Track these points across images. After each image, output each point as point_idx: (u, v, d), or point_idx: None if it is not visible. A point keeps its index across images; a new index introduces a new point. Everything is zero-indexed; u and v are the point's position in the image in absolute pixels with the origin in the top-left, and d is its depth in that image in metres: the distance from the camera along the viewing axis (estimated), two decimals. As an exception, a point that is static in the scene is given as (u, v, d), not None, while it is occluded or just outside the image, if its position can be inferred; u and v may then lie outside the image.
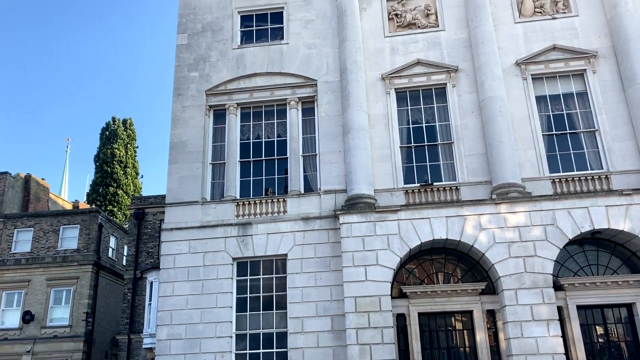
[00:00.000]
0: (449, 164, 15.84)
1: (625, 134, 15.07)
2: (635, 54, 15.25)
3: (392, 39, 17.16)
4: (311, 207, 15.65)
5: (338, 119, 16.39)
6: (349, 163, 15.52)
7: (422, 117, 16.48)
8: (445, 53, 16.72)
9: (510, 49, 16.41)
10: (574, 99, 15.94)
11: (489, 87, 15.62)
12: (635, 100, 14.95)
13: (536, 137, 15.45)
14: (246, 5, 18.23)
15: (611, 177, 14.72)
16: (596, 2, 16.47)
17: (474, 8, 16.56)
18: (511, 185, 14.47)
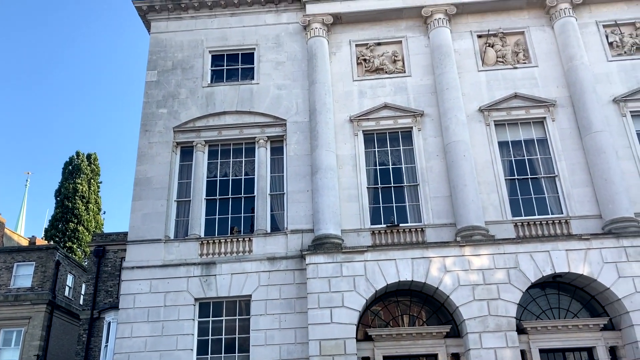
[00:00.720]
0: (414, 205, 16.03)
1: (583, 181, 15.60)
2: (591, 105, 15.98)
3: (360, 82, 17.55)
4: (277, 247, 15.50)
5: (307, 158, 16.49)
6: (317, 203, 15.53)
7: (389, 159, 16.73)
8: (412, 98, 17.17)
9: (474, 95, 16.98)
10: (534, 145, 16.49)
11: (454, 132, 16.03)
12: (592, 148, 15.57)
13: (499, 181, 15.83)
14: (218, 45, 18.44)
15: (570, 221, 15.13)
16: (554, 54, 17.30)
17: (439, 56, 17.16)
18: (475, 228, 14.69)
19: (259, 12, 18.63)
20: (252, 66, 18.16)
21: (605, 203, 14.93)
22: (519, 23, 17.86)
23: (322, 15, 17.89)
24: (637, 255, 13.95)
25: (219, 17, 18.73)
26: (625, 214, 14.57)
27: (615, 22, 17.46)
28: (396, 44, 18.03)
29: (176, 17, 18.82)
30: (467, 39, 17.81)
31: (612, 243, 14.14)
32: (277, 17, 18.59)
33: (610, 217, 14.68)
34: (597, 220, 15.04)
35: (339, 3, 18.05)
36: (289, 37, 18.30)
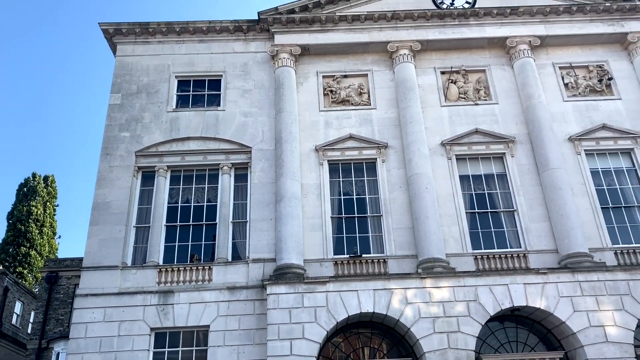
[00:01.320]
0: (377, 236, 16.08)
1: (540, 215, 16.01)
2: (548, 142, 16.54)
3: (326, 113, 17.72)
4: (238, 276, 15.22)
5: (271, 186, 16.40)
6: (280, 231, 15.40)
7: (353, 189, 16.81)
8: (376, 130, 17.42)
9: (437, 130, 17.35)
10: (494, 179, 16.88)
11: (416, 165, 16.29)
12: (549, 184, 16.05)
13: (460, 214, 16.08)
14: (185, 70, 18.37)
15: (528, 255, 15.44)
16: (514, 92, 17.92)
17: (404, 90, 17.53)
18: (436, 260, 14.82)
19: (228, 40, 18.72)
20: (218, 93, 18.12)
21: (561, 238, 15.33)
22: (480, 61, 18.49)
23: (290, 46, 18.11)
24: (591, 290, 14.30)
25: (187, 43, 18.71)
26: (580, 249, 14.97)
27: (570, 65, 18.28)
28: (362, 77, 18.35)
29: (143, 41, 18.70)
30: (430, 75, 18.29)
31: (567, 277, 14.46)
32: (246, 46, 18.71)
33: (566, 252, 15.05)
34: (554, 255, 15.40)
35: (307, 35, 18.33)
36: (257, 66, 18.40)
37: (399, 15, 18.34)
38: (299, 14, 18.31)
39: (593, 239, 15.59)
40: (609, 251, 15.40)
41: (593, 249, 15.28)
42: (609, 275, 14.48)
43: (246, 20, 18.62)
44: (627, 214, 16.29)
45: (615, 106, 17.58)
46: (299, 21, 18.28)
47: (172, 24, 18.55)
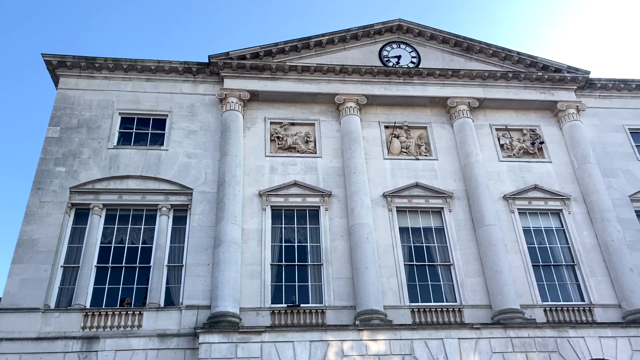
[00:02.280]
0: (317, 285, 15.93)
1: (475, 271, 16.41)
2: (484, 199, 17.19)
3: (272, 158, 17.75)
4: (170, 323, 14.56)
5: (210, 230, 16.05)
6: (217, 277, 14.97)
7: (295, 237, 16.71)
8: (321, 178, 17.56)
9: (379, 181, 17.70)
10: (432, 233, 17.25)
11: (358, 215, 16.45)
12: (483, 240, 16.56)
13: (399, 266, 16.24)
14: (129, 108, 18.05)
15: (463, 310, 15.69)
16: (452, 150, 18.65)
17: (349, 141, 17.89)
18: (374, 312, 14.78)
19: (176, 81, 18.64)
20: (163, 132, 17.85)
21: (494, 294, 15.71)
22: (422, 118, 19.22)
23: (239, 90, 18.22)
24: (521, 346, 14.61)
25: (134, 81, 18.48)
26: (512, 305, 15.36)
27: (506, 127, 19.31)
28: (309, 126, 18.62)
29: (88, 75, 18.32)
30: (375, 128, 18.80)
31: (500, 333, 14.74)
32: (194, 87, 18.67)
33: (499, 308, 15.41)
34: (488, 310, 15.72)
35: (257, 81, 18.54)
36: (204, 108, 18.34)
37: (347, 69, 18.93)
38: (249, 60, 18.56)
39: (524, 295, 16.06)
40: (539, 308, 15.90)
41: (524, 306, 15.72)
42: (538, 332, 14.89)
43: (196, 63, 18.65)
44: (556, 272, 16.97)
45: (546, 169, 18.59)
46: (249, 67, 18.50)
47: (119, 60, 18.31)
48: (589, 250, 17.11)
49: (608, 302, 16.24)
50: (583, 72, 19.93)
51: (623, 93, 20.55)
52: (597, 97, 20.40)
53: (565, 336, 14.93)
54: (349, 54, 19.68)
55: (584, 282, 16.57)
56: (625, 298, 16.00)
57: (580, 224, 17.58)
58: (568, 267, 17.03)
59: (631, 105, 20.42)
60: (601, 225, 17.20)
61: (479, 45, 20.02)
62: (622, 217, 17.62)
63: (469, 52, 20.17)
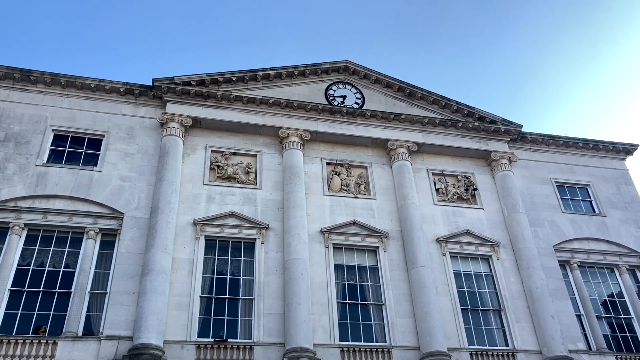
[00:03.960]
0: (247, 320, 15.52)
1: (406, 311, 16.53)
2: (417, 241, 17.50)
3: (210, 187, 17.43)
4: (86, 354, 13.68)
5: (139, 257, 15.41)
6: (142, 308, 14.29)
7: (228, 269, 16.32)
8: (259, 210, 17.37)
9: (317, 217, 17.70)
10: (367, 272, 17.31)
11: (294, 249, 16.31)
12: (415, 282, 16.77)
13: (331, 303, 16.12)
14: (64, 125, 17.35)
15: (392, 351, 15.67)
16: (390, 191, 19.00)
17: (290, 175, 17.89)
18: (303, 350, 14.50)
19: (116, 101, 18.15)
20: (97, 153, 17.21)
21: (423, 335, 15.83)
22: (363, 158, 19.56)
23: (181, 116, 17.94)
24: (447, 389, 14.70)
25: (71, 98, 17.84)
26: (440, 348, 15.51)
27: (442, 172, 19.95)
28: (251, 157, 18.52)
29: (22, 88, 17.54)
30: (317, 164, 18.93)
31: (426, 375, 14.79)
32: (135, 109, 18.23)
33: (427, 350, 15.51)
34: (416, 352, 15.77)
35: (201, 108, 18.34)
36: (144, 131, 17.89)
37: (293, 104, 19.11)
38: (195, 87, 18.39)
39: (452, 338, 16.28)
40: (465, 352, 16.13)
41: (451, 349, 15.91)
42: (463, 375, 15.06)
43: (139, 85, 18.28)
44: (483, 316, 17.36)
45: (478, 215, 19.25)
46: (194, 94, 18.32)
47: (57, 75, 17.67)
48: (515, 297, 17.67)
49: (530, 347, 16.71)
50: (516, 125, 21.03)
51: (551, 148, 21.80)
52: (527, 150, 21.53)
53: (489, 380, 15.16)
54: (295, 90, 19.91)
55: (509, 328, 17.03)
56: (546, 344, 16.54)
57: (507, 271, 18.18)
58: (495, 312, 17.48)
59: (558, 160, 21.66)
60: (527, 272, 17.87)
61: (421, 92, 20.79)
62: (546, 266, 18.38)
63: (411, 97, 20.90)
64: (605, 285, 19.26)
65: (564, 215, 20.15)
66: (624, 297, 18.99)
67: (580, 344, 17.25)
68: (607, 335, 18.13)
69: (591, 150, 22.19)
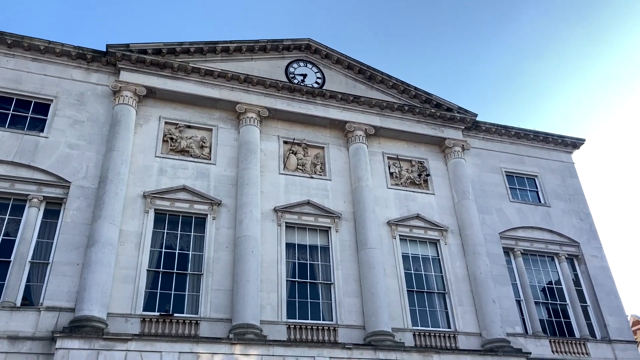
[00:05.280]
0: (194, 295, 15.42)
1: (354, 291, 16.79)
2: (369, 223, 17.73)
3: (162, 160, 17.06)
4: (24, 325, 13.30)
5: (85, 228, 15.00)
6: (86, 279, 13.97)
7: (177, 243, 16.10)
8: (212, 186, 17.16)
9: (272, 195, 17.64)
10: (318, 251, 17.45)
11: (246, 227, 16.23)
12: (365, 263, 17.03)
13: (281, 281, 16.19)
14: (9, 87, 16.51)
15: (338, 329, 15.93)
16: (345, 172, 19.10)
17: (246, 152, 17.69)
18: (249, 327, 14.56)
19: (67, 66, 17.39)
20: (44, 118, 16.50)
21: (369, 315, 16.15)
22: (321, 138, 19.54)
23: (135, 85, 17.39)
24: (386, 368, 15.09)
25: (18, 58, 16.97)
26: (385, 328, 15.88)
27: (397, 157, 20.18)
28: (206, 131, 18.19)
29: (-37, 44, 16.55)
30: (273, 142, 18.79)
31: (370, 354, 15.14)
32: (86, 75, 17.54)
33: (371, 329, 15.84)
34: (361, 331, 16.10)
35: (156, 78, 17.81)
36: (95, 98, 17.26)
37: (252, 79, 18.82)
38: (151, 56, 17.82)
39: (397, 319, 16.68)
40: (409, 332, 16.58)
41: (396, 329, 16.31)
42: (406, 355, 15.49)
43: (92, 50, 17.57)
44: (428, 299, 17.84)
45: (429, 200, 19.63)
46: (149, 63, 17.76)
47: (3, 34, 16.75)
48: (459, 281, 18.21)
49: (471, 330, 17.33)
50: (471, 114, 21.43)
51: (503, 138, 22.37)
52: (481, 139, 22.02)
53: (430, 360, 15.67)
54: (255, 65, 19.60)
55: (452, 310, 17.57)
56: (486, 327, 17.17)
57: (454, 255, 18.69)
58: (439, 294, 17.98)
59: (509, 150, 22.26)
60: (472, 258, 18.42)
61: (381, 75, 20.85)
62: (491, 252, 19.00)
63: (371, 81, 20.93)
64: (545, 273, 20.10)
65: (511, 204, 20.81)
66: (561, 285, 19.88)
67: (517, 328, 18.01)
68: (544, 320, 18.99)
69: (541, 143, 22.90)
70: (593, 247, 20.87)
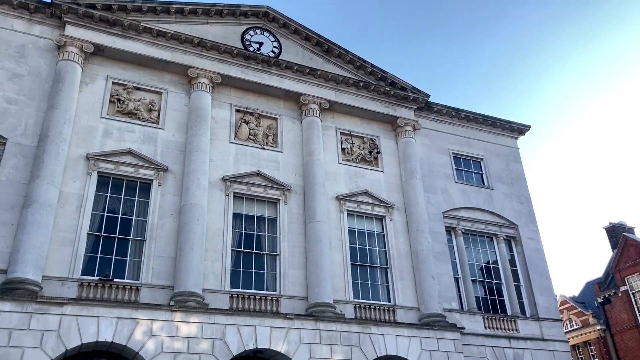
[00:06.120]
0: (136, 261, 15.18)
1: (299, 263, 16.95)
2: (318, 196, 17.83)
3: (108, 121, 16.47)
4: (-48, 285, 12.73)
5: (22, 187, 14.38)
6: (20, 240, 13.46)
7: (120, 208, 15.72)
8: (159, 151, 16.75)
9: (221, 164, 17.41)
10: (265, 223, 17.45)
11: (193, 194, 15.99)
12: (311, 236, 17.18)
13: (226, 250, 16.13)
14: (-59, 32, 15.41)
15: (281, 300, 16.10)
16: (298, 145, 19.03)
17: (196, 118, 17.30)
18: (191, 294, 14.49)
19: (7, 15, 16.33)
20: (-20, 69, 15.55)
21: (312, 287, 16.38)
22: (274, 109, 19.34)
23: (82, 41, 16.57)
24: (328, 339, 15.44)
25: (-48, 3, 15.82)
26: (327, 300, 16.16)
27: (350, 133, 20.27)
28: (156, 94, 17.65)
29: None
30: (225, 110, 18.46)
31: (311, 325, 15.42)
32: (28, 27, 16.56)
33: (314, 301, 16.10)
34: (304, 302, 16.34)
35: (105, 35, 17.04)
36: (37, 52, 16.36)
37: (206, 44, 18.29)
38: (100, 11, 16.99)
39: (339, 291, 17.00)
40: (350, 304, 16.95)
41: (337, 301, 16.64)
42: (345, 326, 15.87)
43: (36, 0, 16.56)
44: (371, 273, 18.25)
45: (377, 177, 19.91)
46: (98, 19, 16.93)
47: (-64, -26, 15.56)
48: (402, 256, 18.69)
49: (410, 304, 17.89)
50: (424, 94, 21.70)
51: (453, 120, 22.82)
52: (432, 120, 22.38)
53: (368, 332, 16.13)
54: (210, 29, 19.05)
55: (393, 285, 18.07)
56: (424, 302, 17.78)
57: (398, 232, 19.12)
58: (382, 269, 18.42)
59: (458, 133, 22.75)
60: (415, 235, 18.91)
61: (338, 49, 20.73)
62: (433, 230, 19.55)
63: (328, 54, 20.78)
64: (484, 252, 20.90)
65: (456, 184, 21.39)
66: (498, 264, 20.74)
67: (454, 304, 18.74)
68: (479, 297, 19.82)
69: (489, 127, 23.51)
70: (530, 230, 21.81)
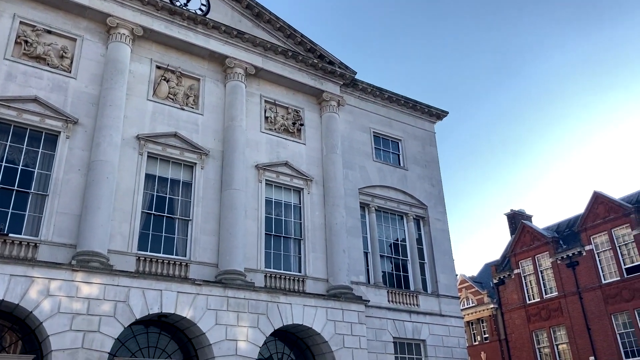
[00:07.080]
0: (36, 217, 14.28)
1: (212, 230, 16.70)
2: (237, 163, 17.57)
3: (12, 64, 15.15)
4: None
5: None
6: None
7: (20, 159, 14.64)
8: (70, 102, 15.70)
9: (136, 122, 16.62)
10: (179, 186, 16.97)
11: (103, 151, 15.20)
12: (227, 203, 16.95)
13: (135, 212, 15.55)
14: None
15: (190, 265, 15.84)
16: (220, 109, 18.56)
17: (113, 70, 16.33)
18: (95, 254, 13.89)
19: None
20: None
21: (224, 254, 16.24)
22: (197, 70, 18.66)
23: (-14, -29, 15.00)
24: (236, 306, 15.46)
25: None
26: (237, 267, 16.11)
27: (275, 102, 20.04)
28: (69, 40, 16.43)
29: None
30: (145, 65, 17.56)
31: (218, 292, 15.33)
32: None
33: (224, 268, 15.99)
34: (214, 269, 16.18)
35: (13, -32, 15.53)
36: None
37: (129, -8, 17.19)
38: (9, -60, 15.39)
39: (251, 260, 16.99)
40: (261, 273, 17.02)
41: (249, 269, 16.64)
42: (254, 294, 15.94)
43: None
44: (284, 243, 18.38)
45: (299, 149, 19.92)
46: (6, -51, 15.36)
47: None
48: (316, 229, 18.97)
49: (319, 276, 18.27)
50: (351, 71, 21.82)
51: (377, 100, 23.20)
52: (356, 97, 22.62)
53: (276, 301, 16.31)
54: (134, -23, 17.89)
55: (305, 256, 18.33)
56: (333, 274, 18.23)
57: (315, 205, 19.34)
58: (295, 240, 18.61)
59: (380, 112, 23.19)
60: (331, 209, 19.22)
61: (269, 15, 20.27)
62: (348, 206, 19.97)
63: (258, 18, 20.28)
64: (394, 230, 21.68)
65: (374, 163, 21.90)
66: (406, 242, 21.63)
67: (361, 277, 19.37)
68: (386, 272, 20.62)
69: (410, 109, 24.15)
70: (438, 212, 22.87)
